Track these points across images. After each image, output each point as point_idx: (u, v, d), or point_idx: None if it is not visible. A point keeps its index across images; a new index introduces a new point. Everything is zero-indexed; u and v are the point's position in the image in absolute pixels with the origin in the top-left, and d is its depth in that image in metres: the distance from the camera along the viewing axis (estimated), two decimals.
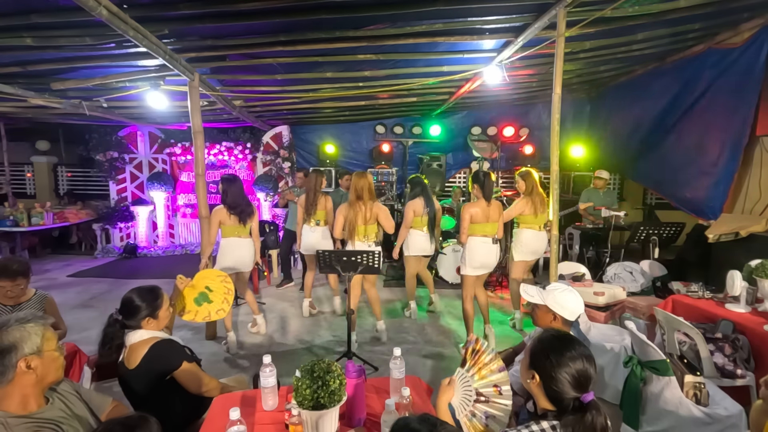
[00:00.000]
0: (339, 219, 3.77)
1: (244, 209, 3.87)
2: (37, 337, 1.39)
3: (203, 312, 2.59)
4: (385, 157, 7.31)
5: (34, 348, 1.37)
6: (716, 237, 3.98)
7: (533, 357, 1.34)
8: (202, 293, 2.63)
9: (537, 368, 1.31)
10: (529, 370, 1.33)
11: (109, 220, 7.73)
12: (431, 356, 3.70)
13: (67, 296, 5.28)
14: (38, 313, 1.55)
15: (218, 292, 2.68)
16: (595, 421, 1.20)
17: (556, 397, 1.27)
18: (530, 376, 1.32)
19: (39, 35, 3.31)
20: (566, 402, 1.26)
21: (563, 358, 1.27)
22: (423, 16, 3.40)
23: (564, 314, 1.88)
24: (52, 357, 1.43)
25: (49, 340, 1.43)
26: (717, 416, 2.02)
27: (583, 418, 1.21)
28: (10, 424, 1.32)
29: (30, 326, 1.39)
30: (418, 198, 4.28)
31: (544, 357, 1.30)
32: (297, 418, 1.42)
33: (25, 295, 2.60)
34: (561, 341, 1.33)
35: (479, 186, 3.72)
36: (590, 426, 1.20)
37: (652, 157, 5.54)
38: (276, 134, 7.64)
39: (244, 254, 3.92)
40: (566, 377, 1.25)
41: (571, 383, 1.25)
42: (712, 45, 4.37)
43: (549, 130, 3.46)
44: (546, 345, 1.33)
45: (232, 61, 4.15)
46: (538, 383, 1.30)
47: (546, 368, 1.28)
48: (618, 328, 3.20)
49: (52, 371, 1.44)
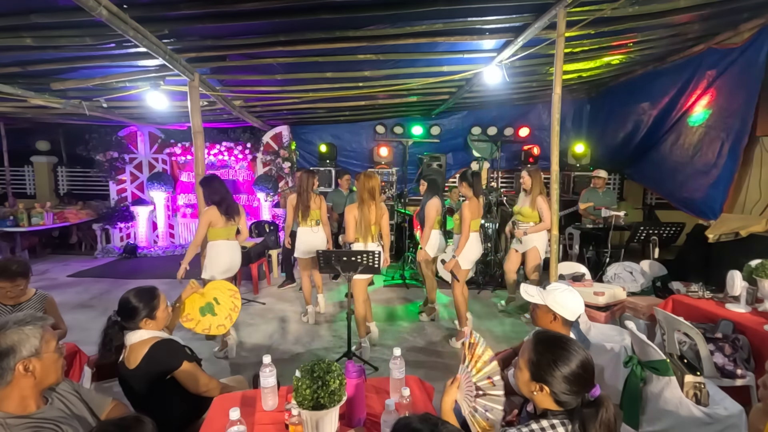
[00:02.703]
0: (351, 221, 3.60)
1: (231, 204, 3.66)
2: (35, 339, 1.37)
3: (204, 323, 2.55)
4: (384, 157, 7.31)
5: (33, 350, 1.36)
6: (716, 237, 3.98)
7: (536, 369, 1.30)
8: (209, 303, 2.59)
9: (544, 381, 1.28)
10: (534, 382, 1.30)
11: (109, 220, 7.72)
12: (431, 356, 3.70)
13: (67, 296, 5.28)
14: (38, 314, 1.52)
15: (224, 306, 2.63)
16: (607, 413, 1.21)
17: (566, 402, 1.27)
18: (537, 388, 1.29)
19: (39, 35, 3.31)
20: (574, 403, 1.26)
21: (569, 363, 1.26)
22: (423, 16, 3.40)
23: (564, 314, 1.88)
24: (52, 359, 1.42)
25: (48, 342, 1.41)
26: (717, 416, 2.02)
27: (597, 413, 1.20)
28: (10, 424, 1.32)
29: (28, 329, 1.37)
30: (435, 197, 4.27)
31: (549, 369, 1.26)
32: (297, 418, 1.42)
33: (25, 295, 2.60)
34: (561, 350, 1.29)
35: (468, 184, 3.84)
36: (604, 421, 1.20)
37: (652, 157, 5.54)
38: (276, 134, 7.65)
39: (236, 258, 3.77)
40: (575, 383, 1.25)
41: (580, 385, 1.25)
42: (712, 45, 4.37)
43: (549, 130, 3.46)
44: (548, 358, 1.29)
45: (232, 61, 4.15)
46: (546, 393, 1.28)
47: (555, 379, 1.26)
48: (618, 328, 3.20)
49: (52, 373, 1.43)
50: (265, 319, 4.60)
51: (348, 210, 3.64)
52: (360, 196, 3.61)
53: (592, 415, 1.21)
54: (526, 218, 4.44)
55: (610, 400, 1.24)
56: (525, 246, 4.48)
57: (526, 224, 4.44)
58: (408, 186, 6.82)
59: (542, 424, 1.25)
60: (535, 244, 4.41)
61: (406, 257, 6.13)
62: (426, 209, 4.19)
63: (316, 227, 4.42)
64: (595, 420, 1.20)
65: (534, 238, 4.40)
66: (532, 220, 4.40)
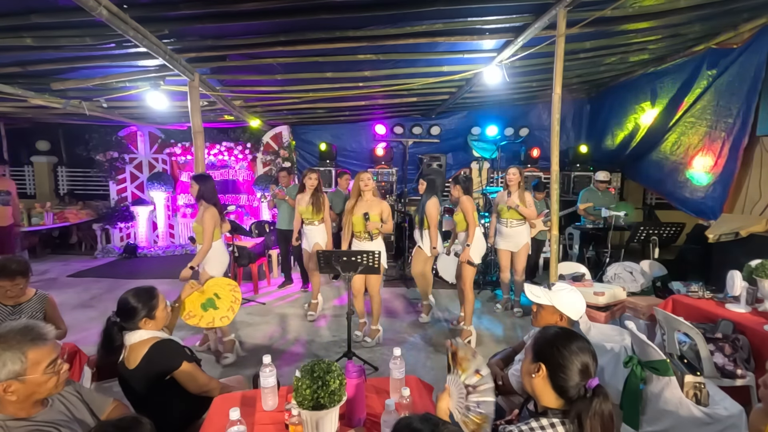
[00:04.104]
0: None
1: (221, 207, 3.63)
2: (14, 365, 1.29)
3: (207, 317, 2.59)
4: (384, 157, 7.30)
5: (11, 374, 1.29)
6: (716, 237, 3.98)
7: (539, 349, 1.34)
8: (209, 299, 2.63)
9: (544, 359, 1.31)
10: (534, 363, 1.33)
11: (109, 220, 7.72)
12: (431, 356, 3.71)
13: (67, 296, 5.28)
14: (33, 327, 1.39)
15: (225, 300, 2.68)
16: (602, 406, 1.21)
17: (563, 387, 1.27)
18: (535, 369, 1.31)
19: (39, 35, 3.32)
20: (572, 391, 1.26)
21: (571, 345, 1.29)
22: (423, 16, 3.40)
23: (571, 314, 1.89)
24: (38, 381, 1.33)
25: (36, 365, 1.32)
26: (717, 416, 2.02)
27: (591, 403, 1.21)
28: (10, 426, 1.32)
29: (8, 355, 1.29)
30: (434, 197, 4.30)
31: (550, 347, 1.31)
32: (297, 418, 1.42)
33: (25, 296, 2.60)
34: (567, 333, 1.36)
35: (461, 187, 3.98)
36: (598, 412, 1.20)
37: (652, 157, 5.54)
38: (276, 134, 7.65)
39: (228, 257, 3.74)
40: (574, 364, 1.26)
41: (579, 369, 1.26)
42: (712, 45, 4.37)
43: (549, 130, 3.46)
44: (552, 337, 1.34)
45: (232, 61, 4.15)
46: (543, 375, 1.30)
47: (554, 356, 1.28)
48: (618, 328, 3.20)
49: (42, 391, 1.36)
50: (265, 319, 4.60)
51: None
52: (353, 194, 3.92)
53: (587, 406, 1.21)
54: (516, 214, 4.46)
55: (608, 394, 1.24)
56: (516, 245, 4.55)
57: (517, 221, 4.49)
58: (408, 186, 6.82)
59: (542, 423, 1.25)
60: (526, 241, 4.54)
61: (405, 257, 6.12)
62: (427, 208, 4.20)
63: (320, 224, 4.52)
64: (589, 410, 1.20)
65: (524, 234, 4.52)
66: (520, 216, 4.48)
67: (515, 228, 4.51)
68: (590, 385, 1.24)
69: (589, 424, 1.19)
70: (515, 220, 4.50)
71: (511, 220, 4.51)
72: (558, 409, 1.29)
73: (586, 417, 1.20)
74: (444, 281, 5.79)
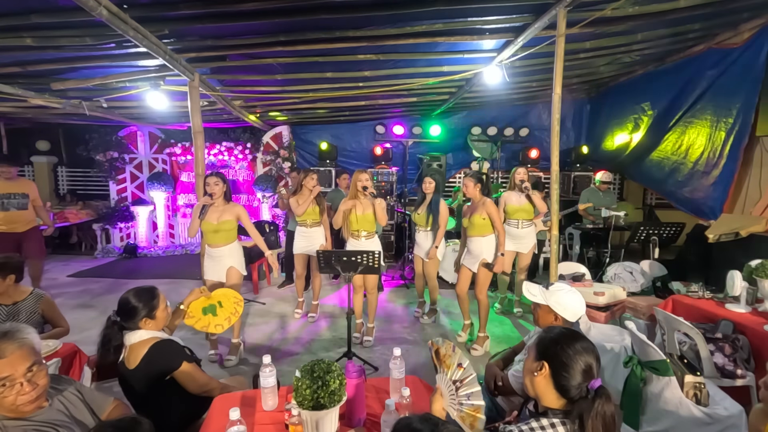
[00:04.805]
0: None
1: None
2: None
3: (204, 321, 2.65)
4: (384, 157, 7.30)
5: None
6: (716, 237, 3.97)
7: (542, 348, 1.34)
8: (212, 305, 2.70)
9: (547, 357, 1.30)
10: (537, 361, 1.33)
11: (109, 220, 7.72)
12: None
13: (67, 296, 5.28)
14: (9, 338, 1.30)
15: (226, 310, 2.75)
16: (605, 407, 1.21)
17: (565, 386, 1.26)
18: (538, 367, 1.31)
19: (39, 35, 3.31)
20: (574, 391, 1.25)
21: (575, 345, 1.29)
22: (423, 16, 3.40)
23: (566, 315, 1.88)
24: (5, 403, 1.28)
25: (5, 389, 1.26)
26: (717, 416, 2.02)
27: (593, 404, 1.21)
28: (8, 426, 1.32)
29: None
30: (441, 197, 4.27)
31: (554, 345, 1.31)
32: (297, 418, 1.42)
33: (21, 295, 2.60)
34: (571, 333, 1.36)
35: (482, 185, 3.81)
36: (600, 413, 1.20)
37: (652, 157, 5.54)
38: (276, 134, 7.64)
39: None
40: (577, 363, 1.26)
41: (582, 369, 1.26)
42: (712, 45, 4.37)
43: (549, 130, 3.46)
44: (556, 336, 1.34)
45: (232, 61, 4.15)
46: (546, 374, 1.29)
47: (558, 355, 1.28)
48: (618, 328, 3.19)
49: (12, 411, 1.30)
50: (265, 319, 4.60)
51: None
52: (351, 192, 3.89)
53: (588, 406, 1.21)
54: (527, 214, 4.37)
55: (610, 395, 1.24)
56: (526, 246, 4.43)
57: (527, 221, 4.39)
58: (408, 186, 6.81)
59: (542, 423, 1.25)
60: (534, 242, 4.46)
61: (405, 257, 6.12)
62: (441, 209, 4.18)
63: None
64: (590, 411, 1.20)
65: (532, 235, 4.44)
66: (530, 216, 4.40)
67: (526, 229, 4.38)
68: (593, 385, 1.24)
69: (590, 425, 1.19)
70: (526, 220, 4.37)
71: (523, 221, 4.37)
72: (559, 410, 1.28)
73: (588, 418, 1.19)
74: (444, 281, 5.79)
